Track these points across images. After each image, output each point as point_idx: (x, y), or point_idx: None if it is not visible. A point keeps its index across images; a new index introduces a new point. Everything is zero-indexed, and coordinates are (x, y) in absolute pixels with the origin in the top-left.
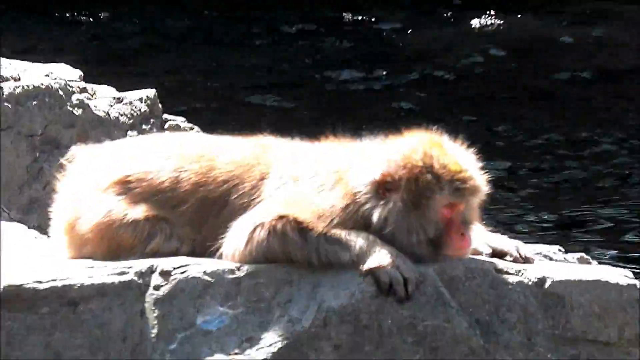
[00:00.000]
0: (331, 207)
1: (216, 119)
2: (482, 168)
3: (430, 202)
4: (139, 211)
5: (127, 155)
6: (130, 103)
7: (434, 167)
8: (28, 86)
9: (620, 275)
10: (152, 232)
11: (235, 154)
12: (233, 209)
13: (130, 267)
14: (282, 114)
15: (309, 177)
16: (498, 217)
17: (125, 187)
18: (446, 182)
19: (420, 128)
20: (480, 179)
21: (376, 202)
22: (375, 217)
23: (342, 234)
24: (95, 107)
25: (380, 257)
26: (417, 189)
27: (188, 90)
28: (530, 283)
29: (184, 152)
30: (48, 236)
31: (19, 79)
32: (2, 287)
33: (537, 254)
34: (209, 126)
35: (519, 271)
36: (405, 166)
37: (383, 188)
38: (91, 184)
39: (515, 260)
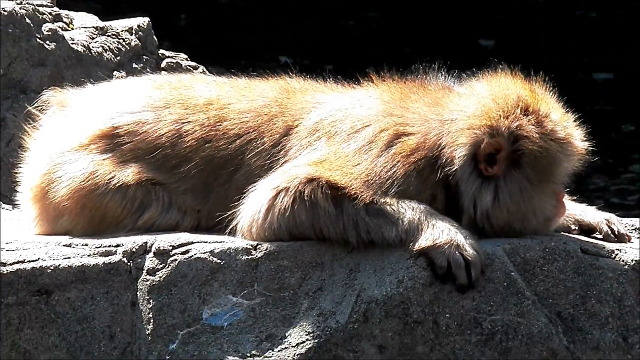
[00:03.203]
0: (385, 171)
1: (226, 56)
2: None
3: (558, 173)
4: (130, 173)
5: (114, 102)
6: (117, 35)
7: (556, 131)
8: None
9: None
10: (145, 201)
11: (252, 100)
12: (248, 171)
13: (118, 245)
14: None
15: (351, 132)
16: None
17: (113, 142)
18: (571, 147)
19: (497, 68)
20: (580, 130)
21: (476, 179)
22: (483, 199)
23: (387, 203)
24: (72, 39)
25: (435, 233)
26: (542, 160)
27: (190, 19)
28: (626, 267)
29: (186, 99)
30: (13, 206)
31: None
32: None
33: (635, 229)
34: (218, 65)
35: (612, 252)
36: (524, 130)
37: (486, 162)
38: (68, 138)
39: (606, 238)
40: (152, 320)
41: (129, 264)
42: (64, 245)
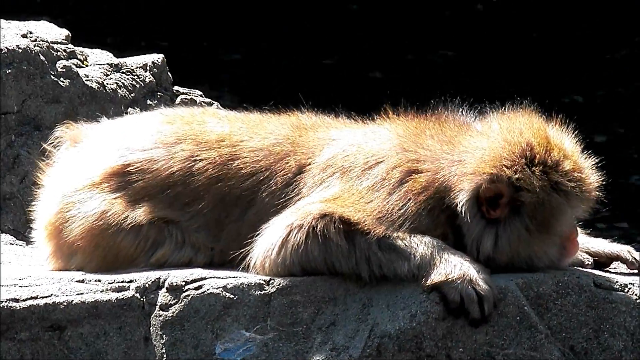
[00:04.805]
0: (397, 209)
1: (242, 91)
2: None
3: (560, 223)
4: (142, 212)
5: (125, 138)
6: (132, 71)
7: (562, 183)
8: (0, 50)
9: None
10: (158, 239)
11: (264, 138)
12: (261, 209)
13: (131, 281)
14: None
15: (365, 168)
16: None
17: (124, 180)
18: (578, 198)
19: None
20: (595, 177)
21: (479, 223)
22: (484, 244)
23: (400, 237)
24: (87, 76)
25: (447, 268)
26: (543, 212)
27: (204, 56)
28: (639, 301)
29: (199, 135)
30: (27, 242)
31: None
32: None
33: None
34: (232, 101)
35: (625, 286)
36: (525, 183)
37: (487, 205)
38: (81, 176)
39: (630, 266)
40: (165, 356)
41: (142, 299)
42: (77, 281)
